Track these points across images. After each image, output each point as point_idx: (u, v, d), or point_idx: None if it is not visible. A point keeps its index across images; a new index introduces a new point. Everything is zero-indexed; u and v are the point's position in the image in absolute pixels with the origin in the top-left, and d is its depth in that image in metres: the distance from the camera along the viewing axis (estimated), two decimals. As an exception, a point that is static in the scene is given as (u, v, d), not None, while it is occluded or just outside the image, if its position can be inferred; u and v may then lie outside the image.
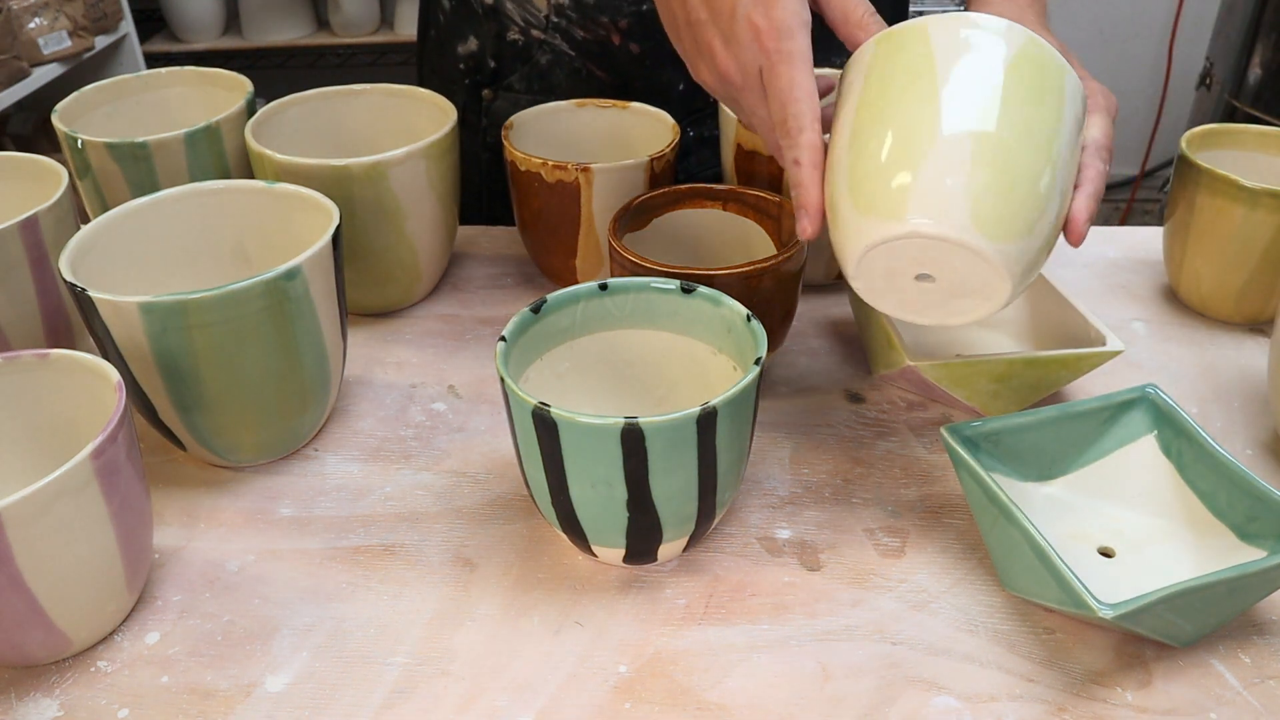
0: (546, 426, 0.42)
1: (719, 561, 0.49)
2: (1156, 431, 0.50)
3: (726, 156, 0.68)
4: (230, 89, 0.73)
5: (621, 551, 0.47)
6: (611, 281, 0.50)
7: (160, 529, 0.52)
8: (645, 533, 0.45)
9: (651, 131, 0.70)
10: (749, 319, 0.47)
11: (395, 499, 0.53)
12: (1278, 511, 0.44)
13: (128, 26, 2.15)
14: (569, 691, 0.43)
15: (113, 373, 0.44)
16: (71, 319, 0.61)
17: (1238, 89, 1.76)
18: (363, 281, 0.66)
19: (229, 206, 0.58)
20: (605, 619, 0.46)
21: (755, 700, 0.42)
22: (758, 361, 0.44)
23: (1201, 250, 0.64)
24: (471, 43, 0.82)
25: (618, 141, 0.72)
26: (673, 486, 0.43)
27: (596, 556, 0.48)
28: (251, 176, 0.66)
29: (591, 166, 0.62)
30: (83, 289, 0.47)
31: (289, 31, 2.43)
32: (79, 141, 0.64)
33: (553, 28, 0.78)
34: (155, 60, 2.33)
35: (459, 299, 0.71)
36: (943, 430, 0.48)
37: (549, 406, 0.41)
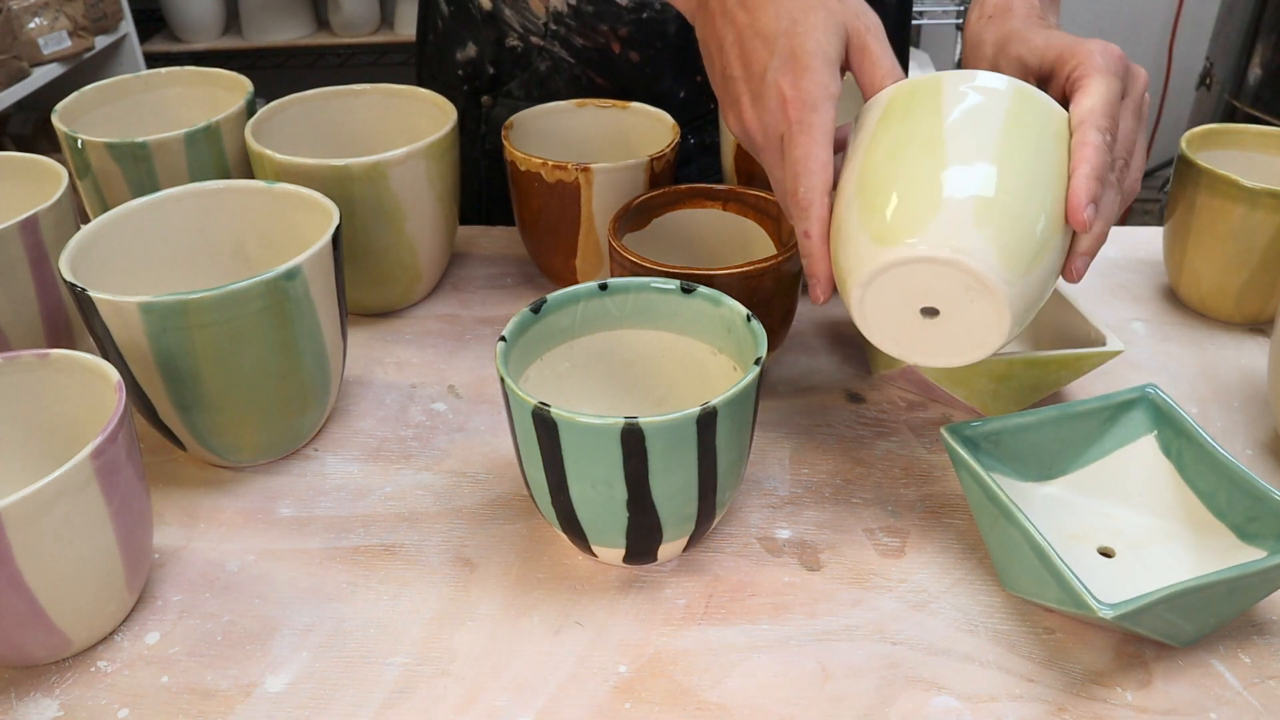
0: (546, 426, 0.42)
1: (719, 561, 0.49)
2: (1156, 431, 0.50)
3: (726, 157, 0.68)
4: (230, 89, 0.73)
5: (621, 551, 0.47)
6: (611, 281, 0.50)
7: (160, 529, 0.52)
8: (645, 533, 0.45)
9: (651, 131, 0.70)
10: (749, 319, 0.47)
11: (395, 499, 0.53)
12: (1278, 511, 0.44)
13: (128, 26, 2.15)
14: (569, 691, 0.43)
15: (113, 373, 0.44)
16: (71, 319, 0.61)
17: (1238, 89, 1.76)
18: (363, 281, 0.66)
19: (229, 206, 0.58)
20: (605, 619, 0.46)
21: (755, 700, 0.42)
22: (758, 361, 0.44)
23: (1201, 250, 0.64)
24: (470, 49, 0.82)
25: (618, 141, 0.72)
26: (673, 486, 0.43)
27: (596, 556, 0.48)
28: (251, 176, 0.66)
29: (591, 166, 0.62)
30: (83, 289, 0.47)
31: (289, 31, 2.43)
32: (79, 141, 0.64)
33: (552, 35, 0.78)
34: (155, 60, 2.34)
35: (459, 299, 0.71)
36: (943, 430, 0.48)
37: (549, 406, 0.41)
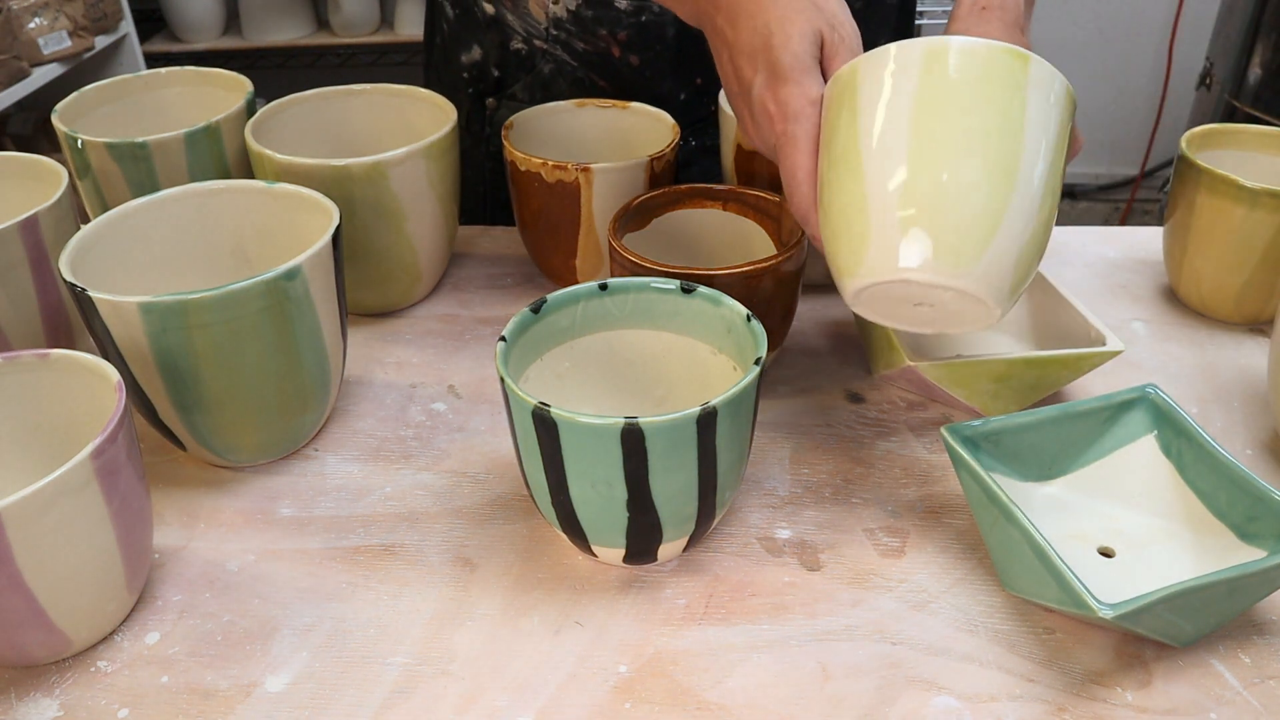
0: (546, 426, 0.42)
1: (719, 561, 0.49)
2: (1156, 431, 0.50)
3: (726, 157, 0.68)
4: (230, 89, 0.73)
5: (621, 551, 0.47)
6: (611, 281, 0.50)
7: (160, 529, 0.52)
8: (645, 533, 0.45)
9: (651, 131, 0.70)
10: (749, 319, 0.47)
11: (395, 499, 0.53)
12: (1278, 511, 0.44)
13: (128, 26, 2.15)
14: (569, 691, 0.43)
15: (113, 373, 0.44)
16: (71, 319, 0.61)
17: (1238, 89, 1.76)
18: (363, 281, 0.66)
19: (229, 206, 0.58)
20: (605, 619, 0.46)
21: (755, 700, 0.42)
22: (758, 361, 0.44)
23: (1201, 250, 0.64)
24: (475, 52, 0.82)
25: (618, 141, 0.72)
26: (673, 486, 0.43)
27: (596, 556, 0.48)
28: (251, 176, 0.66)
29: (591, 166, 0.62)
30: (83, 289, 0.47)
31: (289, 31, 2.43)
32: (79, 141, 0.64)
33: (553, 39, 0.78)
34: (155, 60, 2.33)
35: (459, 299, 0.71)
36: (943, 430, 0.48)
37: (549, 406, 0.41)
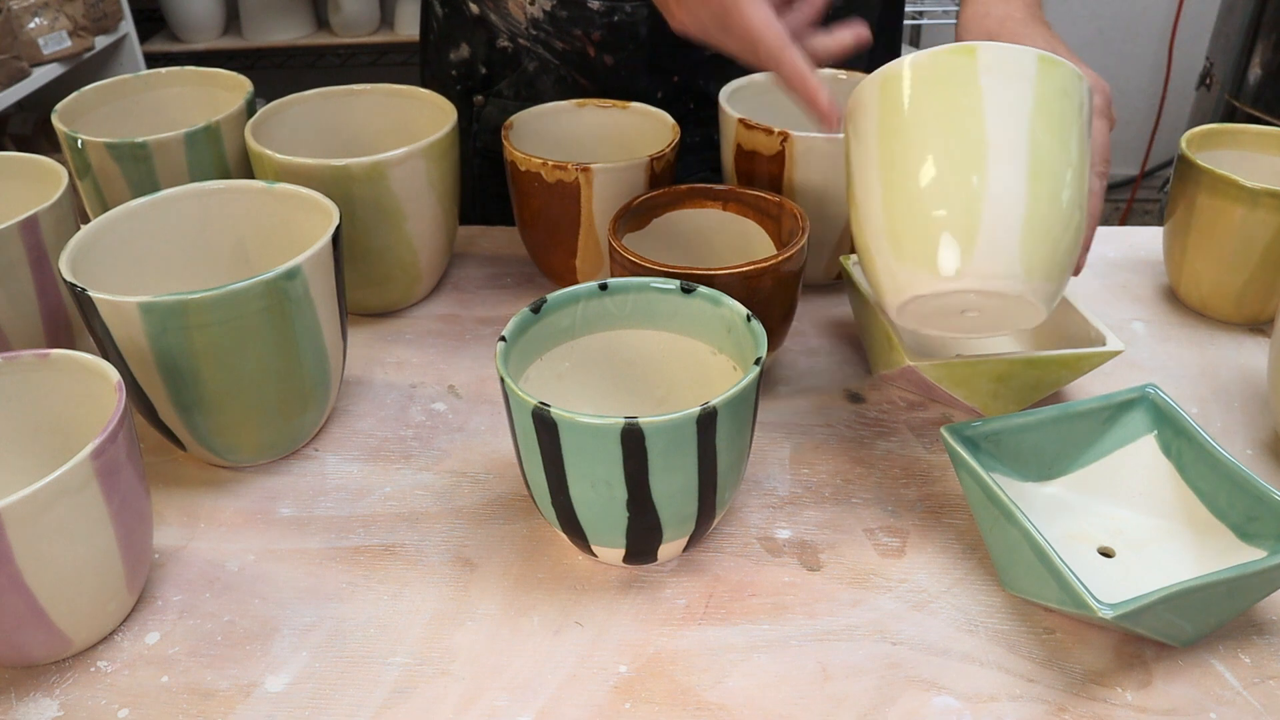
0: (546, 426, 0.42)
1: (719, 561, 0.49)
2: (1156, 431, 0.50)
3: (726, 156, 0.68)
4: (230, 89, 0.73)
5: (621, 551, 0.47)
6: (611, 281, 0.50)
7: (160, 529, 0.52)
8: (645, 533, 0.45)
9: (651, 131, 0.70)
10: (749, 319, 0.47)
11: (395, 499, 0.53)
12: (1278, 511, 0.44)
13: (128, 26, 2.15)
14: (569, 691, 0.43)
15: (113, 373, 0.44)
16: (71, 319, 0.61)
17: (1238, 89, 1.76)
18: (363, 281, 0.66)
19: (229, 206, 0.58)
20: (605, 619, 0.46)
21: (755, 700, 0.42)
22: (758, 361, 0.44)
23: (1201, 250, 0.64)
24: (464, 49, 0.83)
25: (618, 141, 0.72)
26: (673, 486, 0.43)
27: (596, 556, 0.48)
28: (251, 176, 0.66)
29: (591, 166, 0.62)
30: (83, 289, 0.47)
31: (289, 31, 2.43)
32: (79, 141, 0.64)
33: (535, 39, 0.78)
34: (155, 60, 2.33)
35: (459, 299, 0.71)
36: (943, 430, 0.48)
37: (549, 406, 0.41)
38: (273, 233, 0.58)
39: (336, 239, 0.53)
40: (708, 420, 0.42)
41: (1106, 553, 0.48)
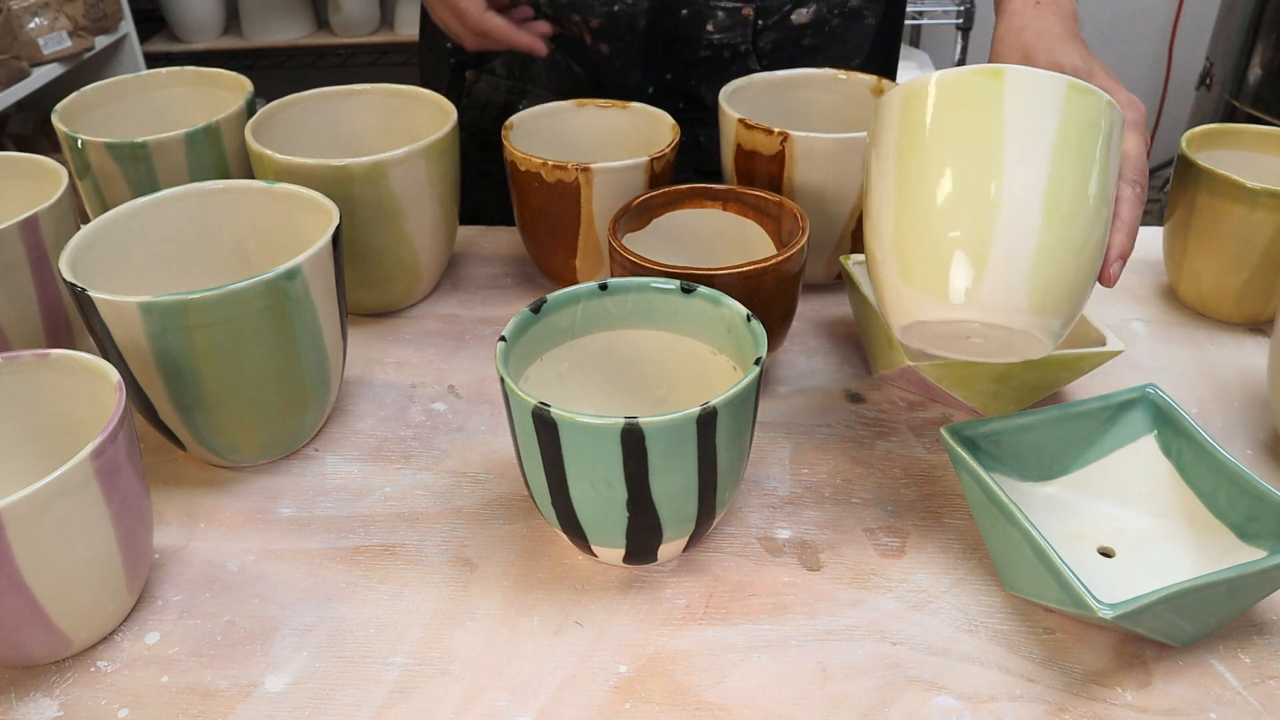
0: (546, 426, 0.42)
1: (719, 561, 0.49)
2: (1156, 431, 0.50)
3: (726, 156, 0.68)
4: (230, 89, 0.73)
5: (621, 551, 0.47)
6: (611, 281, 0.50)
7: (160, 529, 0.52)
8: (645, 533, 0.45)
9: (651, 131, 0.70)
10: (749, 319, 0.47)
11: (395, 499, 0.53)
12: (1278, 511, 0.44)
13: (128, 26, 2.15)
14: (569, 691, 0.43)
15: (113, 373, 0.44)
16: (71, 319, 0.61)
17: (1238, 89, 1.76)
18: (363, 281, 0.66)
19: (229, 206, 0.58)
20: (605, 619, 0.46)
21: (755, 700, 0.42)
22: (758, 361, 0.44)
23: (1201, 250, 0.64)
24: None
25: (618, 141, 0.72)
26: (673, 486, 0.43)
27: (596, 556, 0.48)
28: (251, 176, 0.66)
29: (591, 166, 0.62)
30: (83, 289, 0.47)
31: (289, 31, 2.43)
32: (79, 141, 0.64)
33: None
34: (155, 60, 2.33)
35: (459, 299, 0.71)
36: (943, 430, 0.48)
37: (549, 406, 0.41)
38: (273, 233, 0.58)
39: (336, 239, 0.53)
40: (708, 420, 0.42)
41: (1106, 553, 0.48)
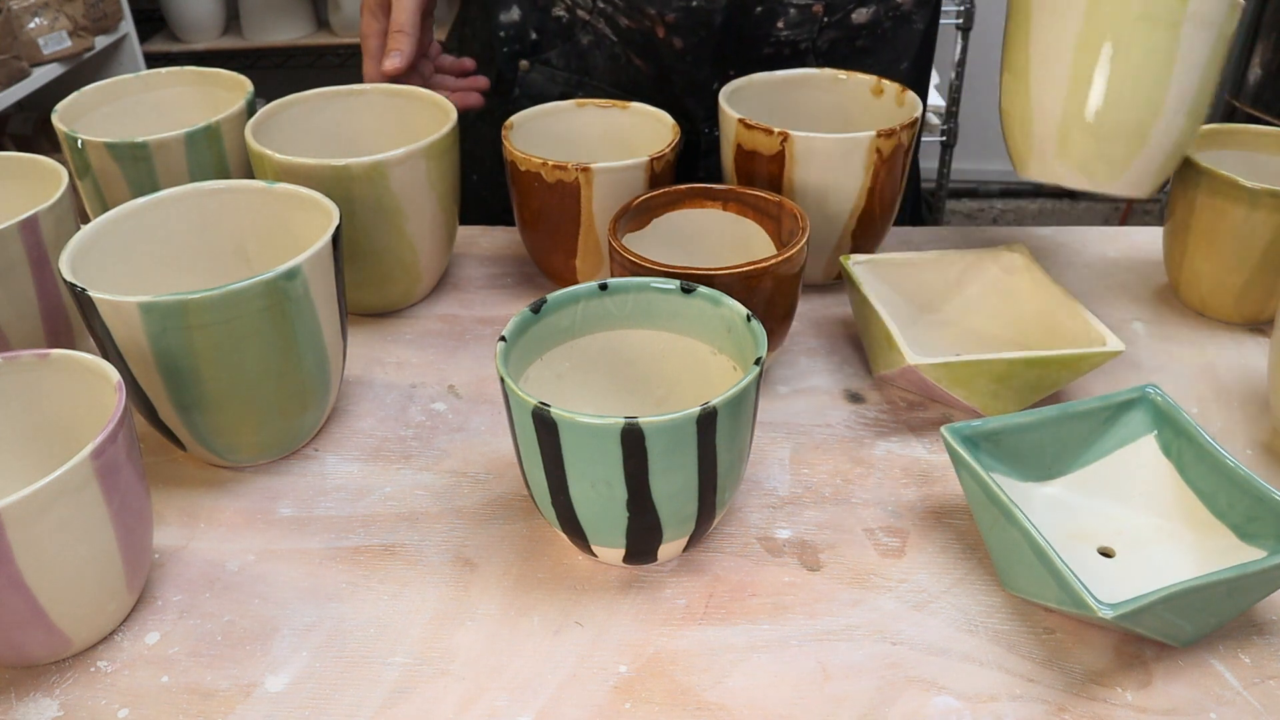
0: (546, 426, 0.42)
1: (719, 561, 0.49)
2: (1156, 431, 0.50)
3: (726, 156, 0.68)
4: (230, 89, 0.73)
5: (621, 551, 0.47)
6: (611, 281, 0.50)
7: (160, 529, 0.52)
8: (645, 533, 0.45)
9: (651, 131, 0.70)
10: (749, 319, 0.47)
11: (395, 499, 0.53)
12: (1278, 511, 0.44)
13: (128, 26, 2.15)
14: (569, 691, 0.43)
15: (113, 373, 0.44)
16: (71, 319, 0.61)
17: (1238, 89, 1.76)
18: (363, 281, 0.66)
19: (229, 206, 0.58)
20: (605, 619, 0.46)
21: (755, 700, 0.42)
22: (758, 361, 0.44)
23: (1201, 250, 0.64)
24: (514, 12, 0.83)
25: (618, 141, 0.72)
26: (673, 486, 0.43)
27: (596, 556, 0.48)
28: (251, 176, 0.66)
29: (591, 166, 0.62)
30: (83, 289, 0.47)
31: (289, 31, 2.43)
32: (79, 141, 0.64)
33: (598, 12, 0.78)
34: (155, 60, 2.33)
35: (459, 299, 0.71)
36: (943, 430, 0.48)
37: (549, 406, 0.41)
38: (273, 233, 0.58)
39: (336, 239, 0.53)
40: (708, 420, 0.42)
41: (1106, 553, 0.48)
